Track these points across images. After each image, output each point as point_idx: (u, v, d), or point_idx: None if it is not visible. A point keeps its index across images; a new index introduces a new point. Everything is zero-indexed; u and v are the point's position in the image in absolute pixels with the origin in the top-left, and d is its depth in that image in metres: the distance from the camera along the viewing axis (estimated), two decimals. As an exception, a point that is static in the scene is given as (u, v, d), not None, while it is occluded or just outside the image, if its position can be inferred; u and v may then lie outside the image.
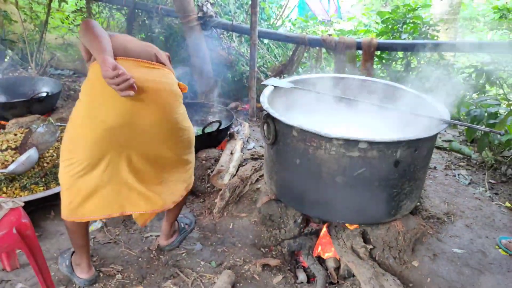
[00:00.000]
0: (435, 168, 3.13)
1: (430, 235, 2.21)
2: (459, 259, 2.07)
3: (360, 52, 3.47)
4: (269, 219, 2.36)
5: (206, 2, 4.04)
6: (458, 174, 3.05)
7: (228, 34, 4.35)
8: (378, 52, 3.96)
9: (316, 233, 2.36)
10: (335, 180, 1.98)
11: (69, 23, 5.66)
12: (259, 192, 2.55)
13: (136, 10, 4.73)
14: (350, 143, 1.86)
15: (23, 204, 1.74)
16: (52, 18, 5.77)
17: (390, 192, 2.00)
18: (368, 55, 3.30)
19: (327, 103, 2.69)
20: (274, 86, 2.47)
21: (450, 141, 3.87)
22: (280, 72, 3.92)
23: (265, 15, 5.06)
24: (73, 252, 1.97)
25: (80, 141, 1.61)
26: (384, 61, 4.13)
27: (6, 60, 5.39)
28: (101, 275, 1.98)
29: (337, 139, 1.87)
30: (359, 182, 1.96)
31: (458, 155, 3.51)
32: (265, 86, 2.47)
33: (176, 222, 2.24)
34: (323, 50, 3.82)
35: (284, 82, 2.53)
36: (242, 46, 4.36)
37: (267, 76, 4.08)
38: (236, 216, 2.46)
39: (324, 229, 2.37)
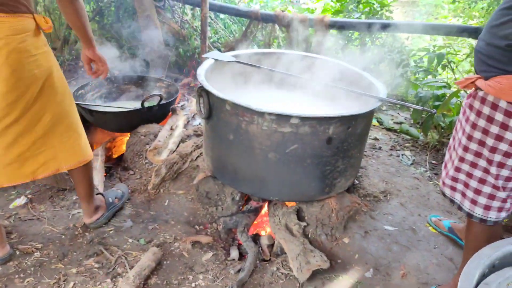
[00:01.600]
0: (380, 148, 3.16)
1: (364, 213, 2.22)
2: (389, 236, 2.09)
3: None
4: (206, 197, 2.30)
5: (158, -29, 3.85)
6: (402, 155, 3.09)
7: (181, 7, 4.17)
8: (335, 32, 3.92)
9: (256, 211, 2.33)
10: (268, 157, 1.93)
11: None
12: (198, 169, 2.48)
13: (85, -23, 4.45)
14: (282, 118, 1.80)
15: None
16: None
17: (323, 170, 1.97)
18: (320, 32, 3.24)
19: (269, 79, 2.63)
20: (216, 59, 2.37)
21: (401, 123, 3.91)
22: (233, 48, 3.81)
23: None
24: None
25: None
26: (340, 41, 4.10)
27: None
28: (18, 253, 1.87)
29: (269, 113, 1.81)
30: (292, 158, 1.92)
31: (407, 136, 3.55)
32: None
33: (101, 197, 2.14)
34: (278, 27, 3.73)
35: (225, 55, 2.44)
36: (196, 20, 4.20)
37: (221, 51, 3.96)
38: (173, 193, 2.38)
39: (265, 207, 2.34)
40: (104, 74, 1.89)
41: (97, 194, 2.12)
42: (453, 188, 1.64)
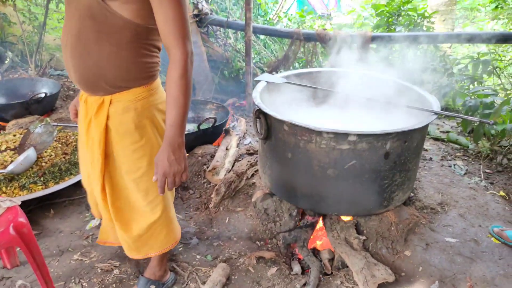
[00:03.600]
0: (431, 159, 3.15)
1: (423, 225, 2.23)
2: (451, 248, 2.09)
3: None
4: (264, 213, 2.39)
5: (202, 0, 4.06)
6: (454, 165, 3.06)
7: (224, 31, 4.37)
8: (374, 46, 3.97)
9: (312, 226, 2.39)
10: (327, 173, 2.00)
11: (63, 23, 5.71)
12: (254, 187, 2.59)
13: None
14: (340, 136, 1.88)
15: (19, 203, 1.78)
16: (50, 19, 5.79)
17: (381, 184, 2.02)
18: (362, 47, 3.31)
19: (318, 97, 2.72)
20: (267, 82, 2.49)
21: (448, 132, 3.87)
22: (276, 68, 3.94)
23: (262, 11, 5.08)
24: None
25: None
26: (379, 54, 4.13)
27: (6, 62, 5.44)
28: (99, 270, 2.03)
29: (327, 132, 1.89)
30: (350, 174, 1.98)
31: (456, 146, 3.52)
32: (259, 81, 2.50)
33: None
34: (319, 44, 3.83)
35: (276, 77, 2.55)
36: (238, 43, 4.38)
37: (263, 72, 4.11)
38: (232, 211, 2.50)
39: (320, 221, 2.40)
40: None
41: None
42: None
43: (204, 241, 2.26)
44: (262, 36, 4.60)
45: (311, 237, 2.42)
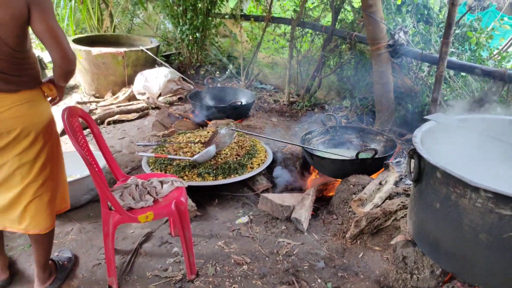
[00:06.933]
0: None
1: None
2: None
3: None
4: (402, 261, 2.20)
5: (399, 30, 3.98)
6: None
7: (417, 63, 4.16)
8: None
9: (458, 294, 2.08)
10: (478, 237, 1.72)
11: (274, 44, 6.50)
12: (400, 230, 2.41)
13: (333, 36, 5.03)
14: (502, 198, 1.59)
15: (187, 185, 2.21)
16: (268, 41, 6.70)
17: (555, 271, 1.60)
18: None
19: (505, 150, 2.31)
20: (437, 121, 2.30)
21: None
22: (467, 108, 3.50)
23: (473, 45, 4.56)
24: None
25: None
26: None
27: (227, 72, 6.59)
28: (232, 261, 2.29)
29: (485, 190, 1.63)
30: (510, 246, 1.64)
31: None
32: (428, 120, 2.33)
33: (52, 263, 2.15)
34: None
35: (451, 119, 2.32)
36: (432, 77, 4.09)
37: (445, 113, 3.71)
38: (369, 248, 2.40)
39: (473, 294, 2.07)
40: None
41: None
42: None
43: (330, 268, 2.25)
44: (463, 73, 4.15)
45: (456, 306, 2.10)
